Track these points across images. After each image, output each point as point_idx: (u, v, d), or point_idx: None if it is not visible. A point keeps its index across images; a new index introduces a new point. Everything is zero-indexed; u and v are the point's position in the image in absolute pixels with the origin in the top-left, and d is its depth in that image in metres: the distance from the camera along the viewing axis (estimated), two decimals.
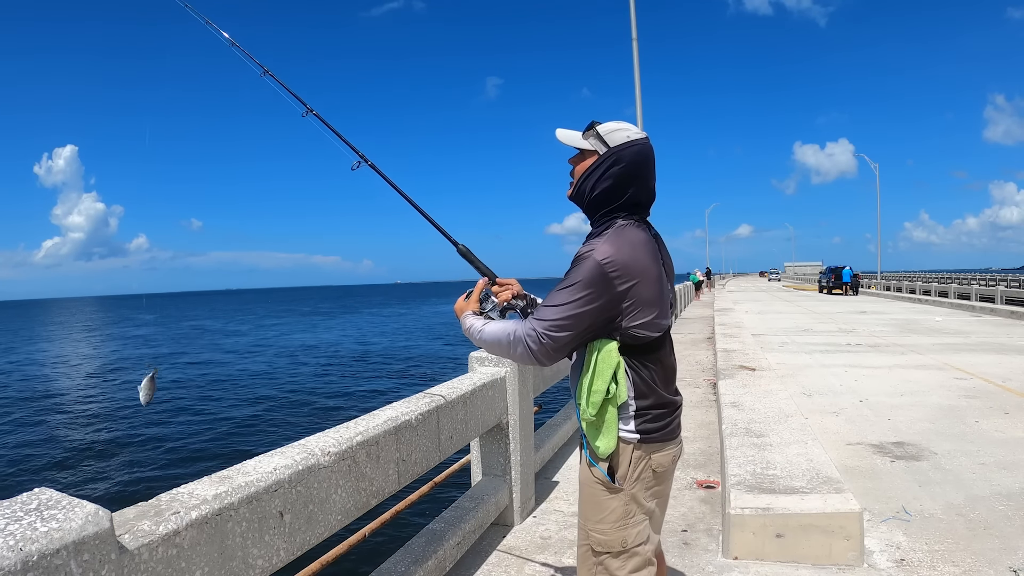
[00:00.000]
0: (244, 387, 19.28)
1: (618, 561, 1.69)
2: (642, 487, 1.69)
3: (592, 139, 1.71)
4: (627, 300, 1.60)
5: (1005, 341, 10.84)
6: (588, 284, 1.57)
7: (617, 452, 1.67)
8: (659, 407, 1.69)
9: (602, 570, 1.71)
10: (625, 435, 1.67)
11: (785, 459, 3.43)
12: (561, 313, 1.60)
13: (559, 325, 1.60)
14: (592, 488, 1.72)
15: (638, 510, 1.70)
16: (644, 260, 1.63)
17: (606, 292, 1.58)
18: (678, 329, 14.81)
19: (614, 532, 1.69)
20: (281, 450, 1.90)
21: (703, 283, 35.01)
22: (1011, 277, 43.69)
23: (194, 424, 14.16)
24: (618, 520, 1.69)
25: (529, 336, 1.65)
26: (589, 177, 1.70)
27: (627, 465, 1.68)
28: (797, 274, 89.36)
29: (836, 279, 32.30)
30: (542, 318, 1.63)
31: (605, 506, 1.70)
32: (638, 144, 1.70)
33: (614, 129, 1.71)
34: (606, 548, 1.70)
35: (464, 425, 2.92)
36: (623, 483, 1.67)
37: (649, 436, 1.68)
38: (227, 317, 70.65)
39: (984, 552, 2.84)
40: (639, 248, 1.63)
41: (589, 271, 1.58)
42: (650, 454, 1.69)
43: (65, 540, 1.09)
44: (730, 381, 5.94)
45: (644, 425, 1.68)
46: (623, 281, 1.58)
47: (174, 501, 1.46)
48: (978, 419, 5.32)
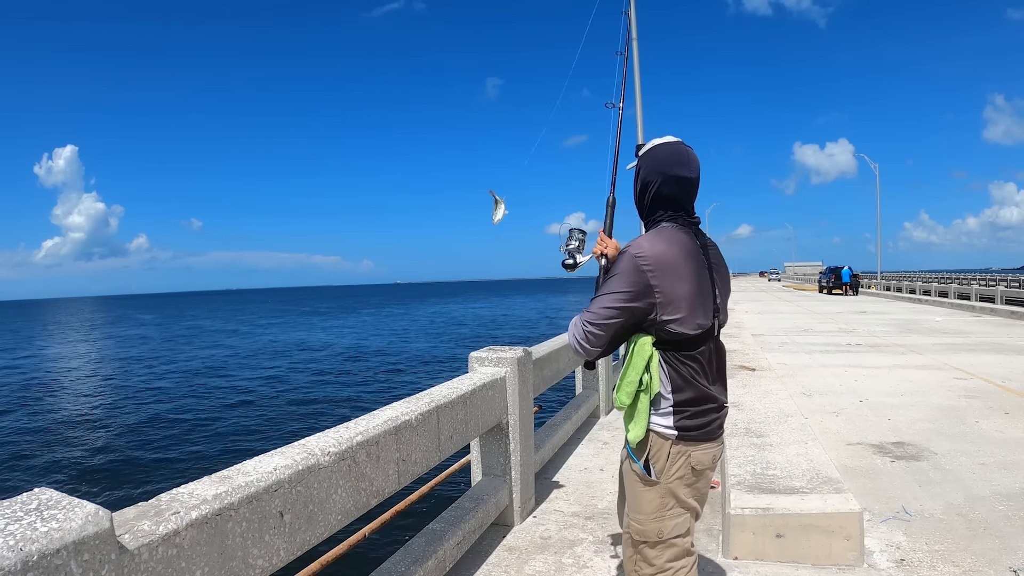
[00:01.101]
0: (244, 387, 19.28)
1: (655, 551, 1.77)
2: (681, 483, 1.75)
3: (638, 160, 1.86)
4: (657, 292, 1.67)
5: (1005, 341, 10.83)
6: (624, 276, 1.69)
7: (656, 447, 1.74)
8: (698, 404, 1.73)
9: (640, 559, 1.80)
10: (663, 430, 1.73)
11: (785, 459, 3.43)
12: (602, 304, 1.71)
13: (601, 315, 1.71)
14: (631, 480, 1.82)
15: (676, 503, 1.76)
16: (677, 257, 1.69)
17: (639, 283, 1.67)
18: None
19: (650, 523, 1.76)
20: (281, 450, 1.90)
21: None
22: (1011, 277, 43.68)
23: (194, 424, 14.16)
24: (655, 512, 1.76)
25: (578, 329, 1.76)
26: (634, 187, 1.86)
27: (665, 459, 1.73)
28: (797, 274, 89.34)
29: (836, 279, 32.29)
30: (589, 310, 1.75)
31: (642, 498, 1.78)
32: (663, 146, 1.82)
33: (650, 144, 1.85)
34: (643, 537, 1.78)
35: (464, 425, 2.92)
36: (660, 477, 1.74)
37: (688, 433, 1.72)
38: (227, 317, 70.68)
39: (984, 552, 2.84)
40: (674, 245, 1.71)
41: (624, 264, 1.70)
42: (689, 451, 1.73)
43: (65, 540, 1.09)
44: (730, 381, 5.93)
45: (683, 421, 1.72)
46: (653, 274, 1.67)
47: (174, 501, 1.46)
48: (978, 419, 5.32)
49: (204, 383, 20.40)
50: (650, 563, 1.78)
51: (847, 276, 31.94)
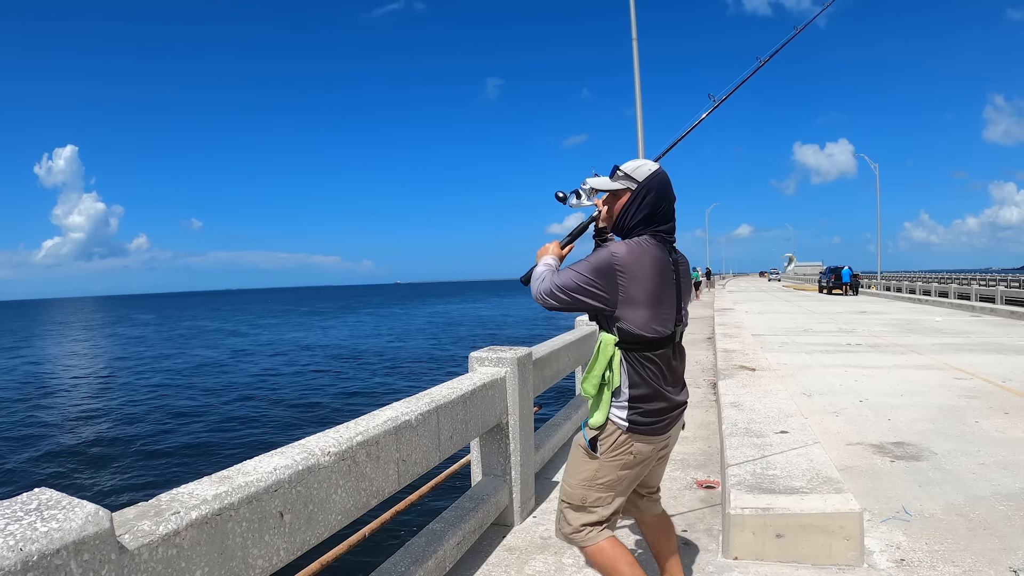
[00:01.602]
0: (244, 387, 19.28)
1: (575, 514, 2.05)
2: (614, 466, 1.99)
3: (621, 180, 2.04)
4: (621, 294, 1.90)
5: (1005, 341, 10.83)
6: (596, 268, 1.91)
7: (608, 431, 1.98)
8: (651, 401, 1.96)
9: (562, 517, 2.10)
10: (617, 420, 1.97)
11: (785, 459, 3.43)
12: (572, 278, 1.94)
13: (568, 286, 1.95)
14: (576, 448, 2.08)
15: (604, 480, 2.00)
16: (648, 268, 1.91)
17: (606, 280, 1.90)
18: None
19: (578, 489, 2.04)
20: (281, 450, 1.90)
21: (702, 283, 35.01)
22: (1011, 277, 43.69)
23: (194, 424, 14.16)
24: (584, 481, 2.02)
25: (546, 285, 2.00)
26: (628, 210, 2.02)
27: (611, 444, 1.98)
28: (797, 274, 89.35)
29: (836, 279, 32.28)
30: (561, 275, 1.98)
31: (579, 466, 2.04)
32: (659, 174, 2.03)
33: (637, 166, 2.04)
34: (569, 500, 2.06)
35: (464, 425, 2.92)
36: (600, 455, 1.99)
37: (637, 427, 1.96)
38: (227, 317, 70.68)
39: (984, 552, 2.84)
40: (647, 257, 1.92)
41: (600, 259, 1.91)
42: (634, 442, 1.98)
43: (65, 540, 1.09)
44: (730, 381, 5.94)
45: (635, 416, 1.95)
46: (623, 276, 1.89)
47: (174, 501, 1.46)
48: (978, 419, 5.32)
49: (204, 383, 20.40)
50: (569, 523, 2.06)
51: (847, 276, 31.93)
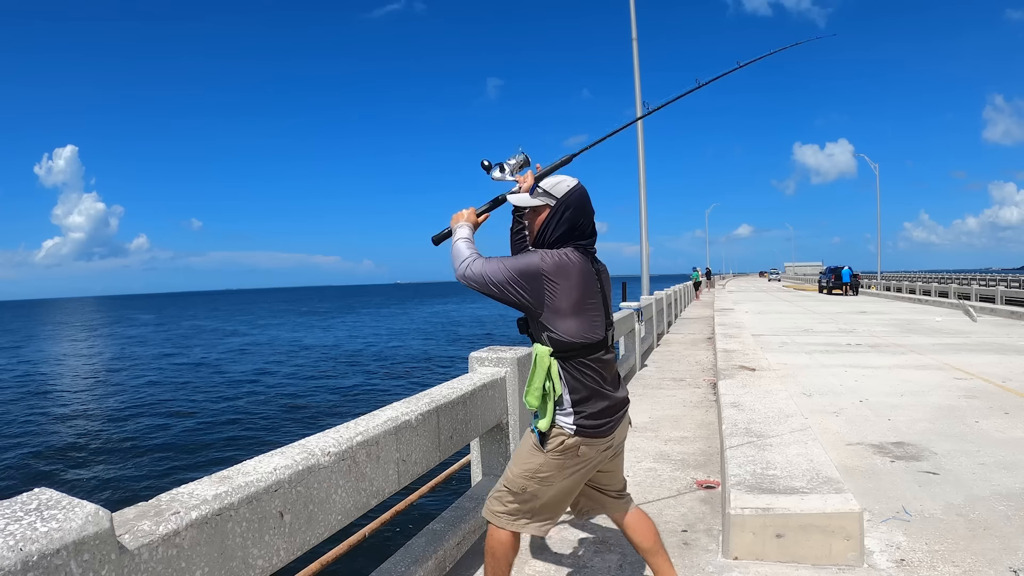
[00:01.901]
0: (243, 387, 19.28)
1: (510, 497, 2.11)
2: (558, 464, 2.05)
3: (540, 196, 2.09)
4: (548, 302, 1.97)
5: (1005, 341, 10.83)
6: (524, 270, 1.96)
7: (555, 436, 2.03)
8: (594, 405, 2.03)
9: (498, 496, 2.14)
10: (564, 426, 2.02)
11: (785, 459, 3.43)
12: (502, 275, 1.97)
13: (496, 277, 1.98)
14: (526, 440, 2.13)
15: (545, 477, 2.06)
16: (575, 279, 1.99)
17: (532, 283, 1.96)
18: (678, 329, 14.81)
19: (519, 478, 2.09)
20: (281, 450, 1.90)
21: (702, 283, 35.02)
22: (1011, 277, 43.69)
23: (194, 424, 14.16)
24: (526, 472, 2.07)
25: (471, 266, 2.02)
26: (548, 225, 2.07)
27: (556, 444, 2.03)
28: (797, 274, 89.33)
29: (836, 279, 32.27)
30: (491, 265, 2.00)
31: (526, 457, 2.09)
32: (577, 189, 2.09)
33: (557, 183, 2.10)
34: (509, 485, 2.11)
35: (464, 425, 2.92)
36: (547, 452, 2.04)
37: (584, 431, 2.02)
38: (226, 317, 70.67)
39: (984, 552, 2.84)
40: (573, 268, 1.99)
41: (530, 265, 1.96)
42: (580, 445, 2.03)
43: (65, 540, 1.09)
44: (730, 381, 5.94)
45: (581, 421, 2.02)
46: (549, 287, 1.96)
47: (174, 501, 1.46)
48: (978, 419, 5.32)
49: (203, 383, 20.40)
50: (503, 504, 2.12)
51: (847, 276, 31.93)
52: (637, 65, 13.52)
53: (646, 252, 14.67)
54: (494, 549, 2.14)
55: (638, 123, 12.83)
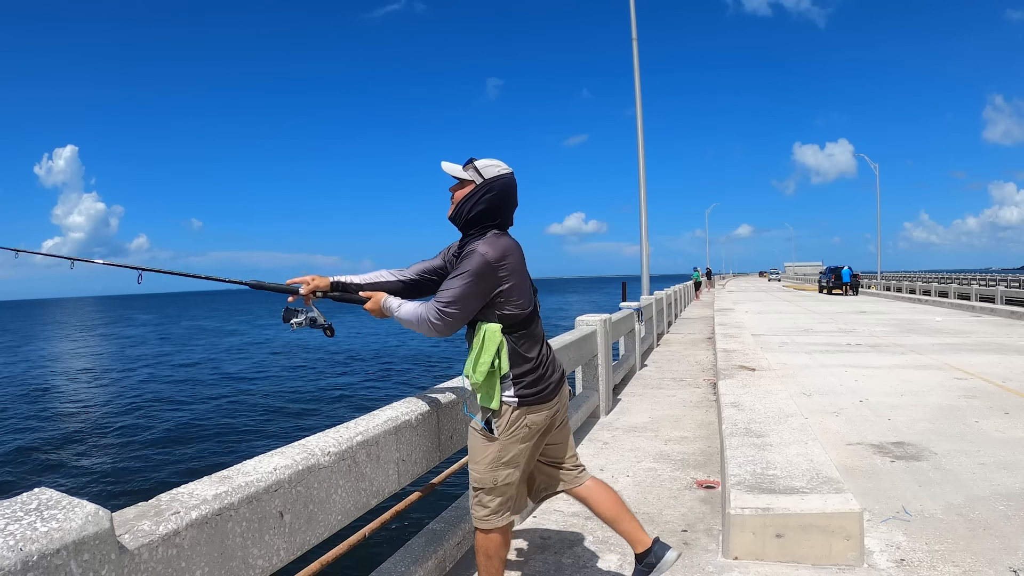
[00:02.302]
0: (243, 387, 19.28)
1: (489, 496, 2.16)
2: (515, 440, 2.13)
3: (471, 171, 2.15)
4: (503, 285, 2.08)
5: (1005, 341, 10.83)
6: (476, 273, 2.04)
7: (499, 411, 2.11)
8: (532, 372, 2.14)
9: (477, 502, 2.18)
10: (507, 399, 2.11)
11: (785, 459, 3.43)
12: (455, 295, 2.05)
13: (454, 303, 2.06)
14: (473, 435, 2.19)
15: (507, 457, 2.13)
16: (515, 258, 2.13)
17: (489, 279, 2.05)
18: (678, 329, 14.82)
19: (487, 472, 2.15)
20: (281, 450, 1.90)
21: (703, 283, 35.02)
22: (1011, 277, 43.69)
23: (194, 424, 14.16)
24: (491, 463, 2.14)
25: (431, 314, 2.09)
26: (467, 201, 2.14)
27: (506, 422, 2.12)
28: (797, 274, 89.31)
29: (836, 279, 32.26)
30: (441, 300, 2.08)
31: (481, 451, 2.16)
32: (506, 177, 2.17)
33: (489, 164, 2.16)
34: (480, 484, 2.16)
35: (464, 425, 2.92)
36: (499, 435, 2.12)
37: (525, 399, 2.12)
38: (226, 317, 70.66)
39: (984, 552, 2.84)
40: (510, 248, 2.13)
41: (478, 264, 2.04)
42: (526, 415, 2.13)
43: (65, 540, 1.09)
44: (730, 381, 5.94)
45: (521, 391, 2.12)
46: (503, 272, 2.07)
47: (174, 501, 1.46)
48: (978, 419, 5.32)
49: (204, 383, 20.40)
50: (485, 506, 2.16)
51: (847, 276, 31.92)
52: (637, 65, 13.52)
53: (646, 252, 14.68)
54: (488, 549, 2.19)
55: (638, 123, 12.84)
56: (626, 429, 5.49)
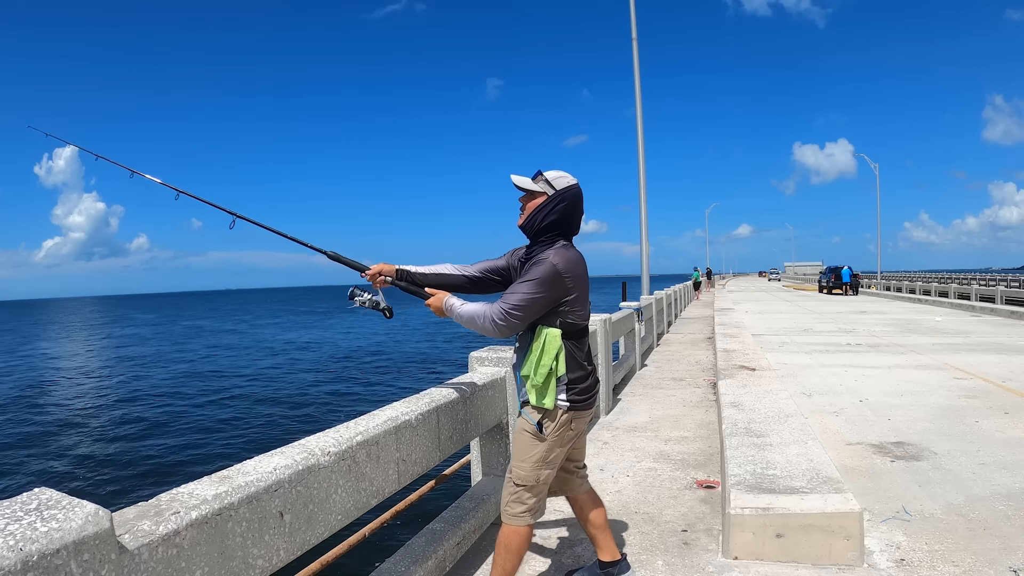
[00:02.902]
0: (243, 387, 19.28)
1: (529, 494, 2.27)
2: (559, 442, 2.26)
3: (541, 183, 2.28)
4: (569, 296, 2.21)
5: (1005, 341, 10.83)
6: (544, 282, 2.16)
7: (552, 414, 2.23)
8: (583, 381, 2.28)
9: (517, 498, 2.28)
10: (559, 403, 2.23)
11: (785, 459, 3.43)
12: (522, 300, 2.16)
13: (520, 307, 2.17)
14: (523, 435, 2.28)
15: (551, 458, 2.26)
16: (580, 271, 2.26)
17: (557, 288, 2.18)
18: (678, 329, 14.81)
19: (531, 471, 2.25)
20: (281, 450, 1.90)
21: (703, 283, 35.03)
22: (1011, 277, 43.68)
23: (194, 424, 14.16)
24: (537, 463, 2.25)
25: (496, 314, 2.19)
26: (540, 212, 2.26)
27: (554, 425, 2.24)
28: (797, 274, 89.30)
29: (836, 279, 32.26)
30: (508, 302, 2.18)
31: (529, 450, 2.26)
32: (574, 188, 2.30)
33: (558, 176, 2.29)
34: (524, 482, 2.26)
35: (464, 425, 2.92)
36: (548, 436, 2.24)
37: (575, 405, 2.26)
38: (226, 317, 70.67)
39: (984, 552, 2.84)
40: (577, 262, 2.25)
41: (547, 272, 2.16)
42: (573, 419, 2.27)
43: (65, 540, 1.09)
44: (730, 381, 5.94)
45: (572, 396, 2.25)
46: (570, 282, 2.20)
47: (174, 501, 1.46)
48: (978, 419, 5.32)
49: (203, 383, 20.39)
50: (523, 503, 2.27)
51: (847, 276, 31.92)
52: (637, 65, 13.51)
53: (646, 252, 14.67)
54: (512, 544, 2.27)
55: (638, 123, 12.83)
56: (626, 429, 5.49)
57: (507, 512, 2.29)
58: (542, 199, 2.27)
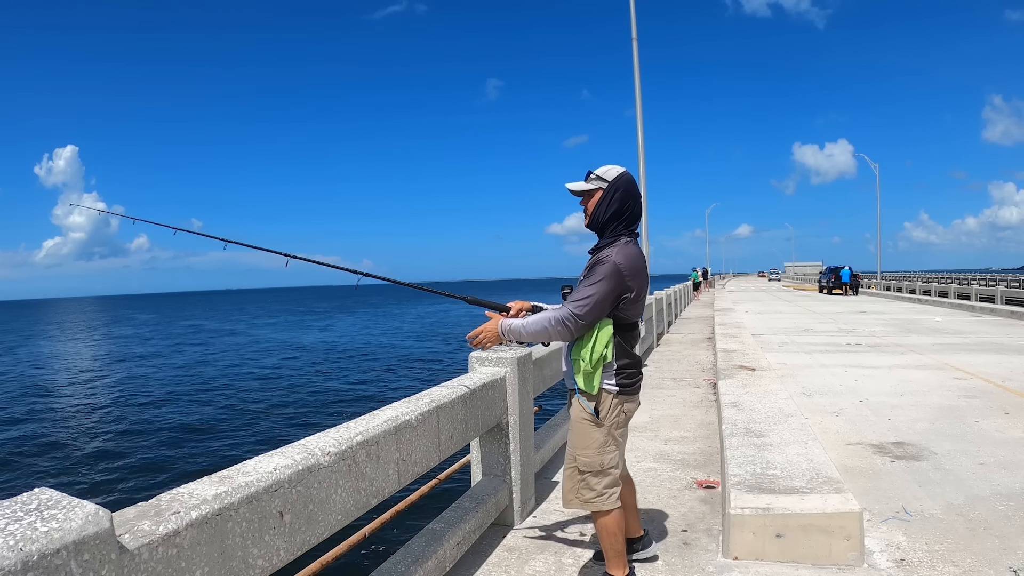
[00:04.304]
0: (242, 387, 19.27)
1: (596, 479, 2.39)
2: (615, 426, 2.41)
3: (594, 181, 2.43)
4: (629, 293, 2.32)
5: (1005, 341, 10.83)
6: (609, 280, 2.27)
7: (604, 399, 2.37)
8: (632, 368, 2.42)
9: (584, 485, 2.40)
10: (608, 387, 2.37)
11: (785, 459, 3.43)
12: (591, 301, 2.27)
13: (588, 308, 2.27)
14: (582, 423, 2.41)
15: (612, 442, 2.40)
16: (641, 269, 2.37)
17: (618, 286, 2.29)
18: (678, 329, 14.81)
19: (595, 456, 2.38)
20: (281, 450, 1.90)
21: (702, 283, 35.02)
22: (1011, 277, 43.68)
23: (194, 424, 14.16)
24: (599, 447, 2.38)
25: (567, 318, 2.29)
26: (600, 205, 2.40)
27: (607, 408, 2.38)
28: (797, 274, 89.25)
29: (836, 279, 32.26)
30: (578, 304, 2.28)
31: (590, 436, 2.39)
32: (624, 174, 2.44)
33: (607, 169, 2.44)
34: (589, 468, 2.39)
35: (464, 425, 2.92)
36: (604, 420, 2.37)
37: (624, 390, 2.40)
38: (225, 317, 70.67)
39: (984, 552, 2.84)
40: (638, 259, 2.37)
41: (611, 271, 2.28)
42: (623, 403, 2.41)
43: (65, 540, 1.09)
44: (730, 381, 5.94)
45: (621, 381, 2.39)
46: (630, 280, 2.31)
47: (174, 501, 1.46)
48: (978, 419, 5.32)
49: (203, 383, 20.39)
50: (591, 488, 2.39)
51: (847, 276, 31.91)
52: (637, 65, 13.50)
53: (646, 252, 14.67)
54: (608, 527, 2.41)
55: (638, 123, 12.82)
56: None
57: (578, 499, 2.43)
58: (599, 195, 2.41)
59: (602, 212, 2.39)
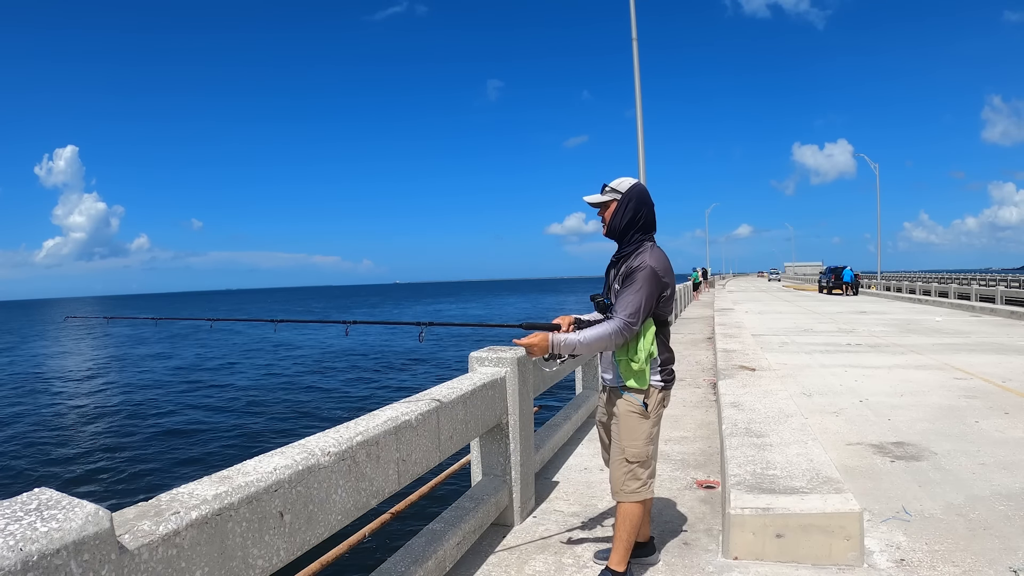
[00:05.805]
0: (243, 387, 19.27)
1: (642, 469, 2.56)
2: (659, 417, 2.61)
3: (610, 192, 2.62)
4: (665, 293, 2.51)
5: (1005, 341, 10.83)
6: (648, 285, 2.46)
7: (649, 392, 2.55)
8: (670, 363, 2.63)
9: (632, 475, 2.55)
10: (654, 382, 2.56)
11: (785, 459, 3.43)
12: (639, 307, 2.44)
13: (638, 313, 2.44)
14: (630, 416, 2.56)
15: (654, 433, 2.58)
16: (669, 266, 2.56)
17: (657, 288, 2.48)
18: (678, 329, 14.81)
19: (643, 447, 2.55)
20: (281, 450, 1.90)
21: (701, 284, 35.01)
22: (1011, 277, 43.67)
23: (194, 424, 14.16)
24: (647, 439, 2.56)
25: (622, 327, 2.43)
26: (616, 214, 2.59)
27: (654, 402, 2.57)
28: (797, 274, 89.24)
29: (836, 279, 32.24)
30: (627, 312, 2.43)
31: (639, 429, 2.55)
32: (637, 185, 2.64)
33: (620, 181, 2.64)
34: (638, 459, 2.54)
35: (464, 425, 2.92)
36: (651, 412, 2.55)
37: (667, 384, 2.61)
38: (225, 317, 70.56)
39: (984, 552, 2.84)
40: (666, 259, 2.57)
41: (648, 276, 2.46)
42: (664, 395, 2.61)
43: (65, 540, 1.09)
44: (730, 381, 5.94)
45: (665, 376, 2.60)
46: (665, 281, 2.50)
47: (174, 501, 1.46)
48: (978, 419, 5.32)
49: (203, 383, 20.39)
50: (638, 478, 2.54)
51: (848, 276, 31.90)
52: (637, 65, 13.49)
53: None
54: (635, 519, 2.55)
55: (638, 123, 12.81)
56: None
57: (624, 491, 2.55)
58: (614, 205, 2.59)
59: (618, 221, 2.57)
